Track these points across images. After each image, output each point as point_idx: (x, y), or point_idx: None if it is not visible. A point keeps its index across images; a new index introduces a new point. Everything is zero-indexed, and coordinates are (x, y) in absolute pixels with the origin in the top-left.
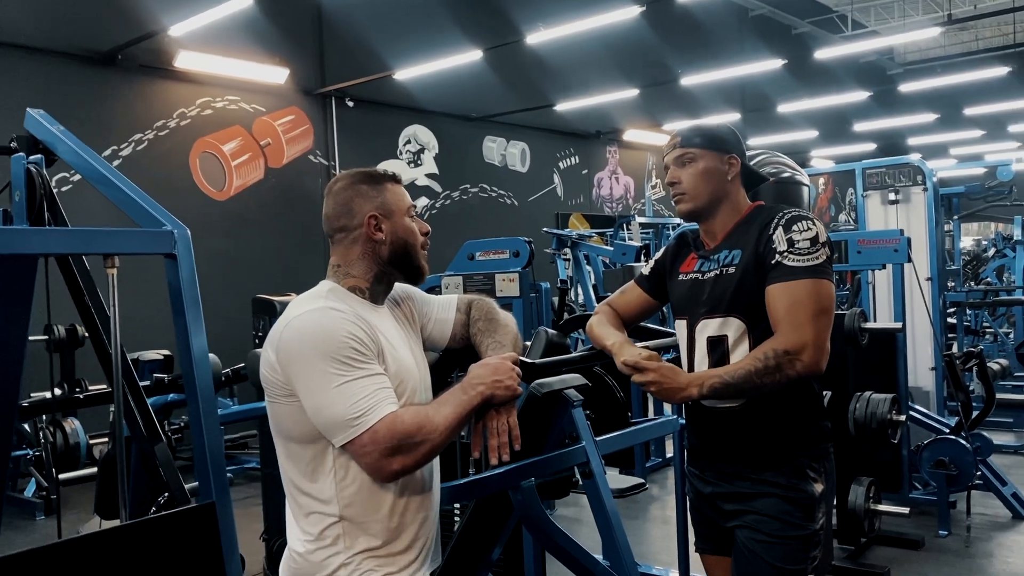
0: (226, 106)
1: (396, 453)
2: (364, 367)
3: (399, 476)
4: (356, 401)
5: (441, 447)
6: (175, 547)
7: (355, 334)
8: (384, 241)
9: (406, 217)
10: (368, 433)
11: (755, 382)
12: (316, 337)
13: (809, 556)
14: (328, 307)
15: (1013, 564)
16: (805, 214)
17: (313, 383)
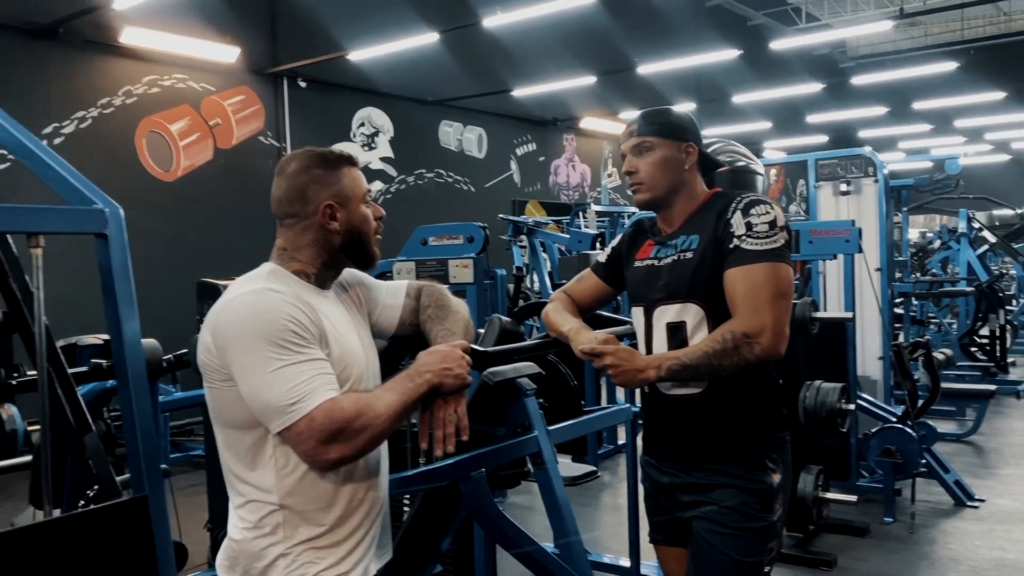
0: (174, 84)
1: (334, 441)
2: (303, 351)
3: (338, 465)
4: (293, 386)
5: (383, 436)
6: (104, 543)
7: (295, 316)
8: (338, 231)
9: (362, 204)
10: (305, 420)
11: (713, 364)
12: (254, 319)
13: (767, 548)
14: (267, 288)
15: (955, 550)
16: (763, 198)
17: (249, 367)
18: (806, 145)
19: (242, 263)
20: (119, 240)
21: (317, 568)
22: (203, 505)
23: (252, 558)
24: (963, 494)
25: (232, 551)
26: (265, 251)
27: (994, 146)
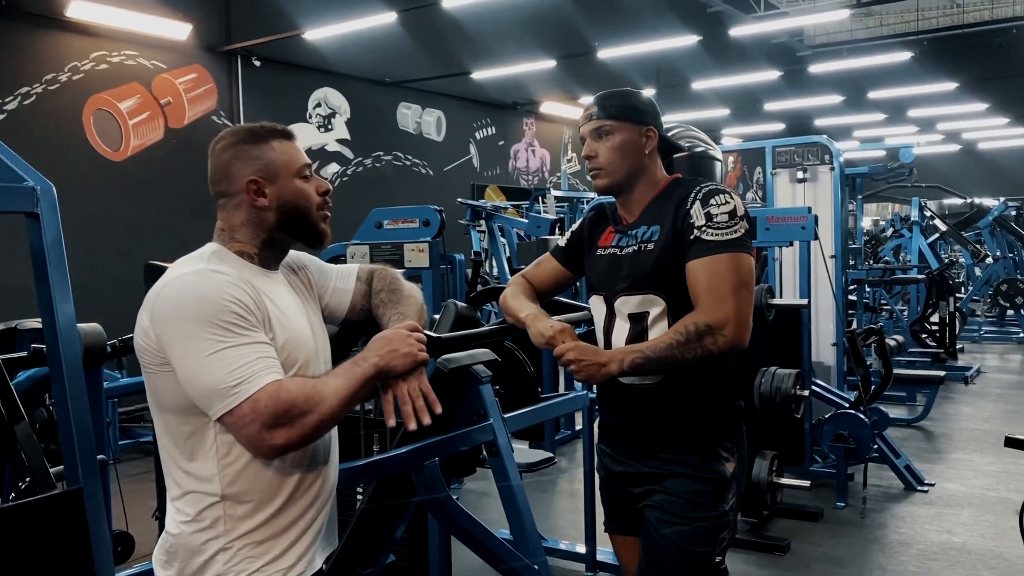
0: (123, 61)
1: (279, 425)
2: (245, 334)
3: (282, 452)
4: (235, 368)
5: (331, 422)
6: (36, 537)
7: (237, 297)
8: (268, 207)
9: (295, 179)
10: (248, 403)
11: (677, 356)
12: (192, 301)
13: (718, 538)
14: (209, 269)
15: (905, 534)
16: (722, 187)
17: (187, 350)
18: (763, 132)
19: (193, 246)
20: (52, 220)
21: (259, 563)
22: (152, 493)
23: (190, 552)
24: (913, 479)
25: (169, 545)
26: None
27: (945, 136)
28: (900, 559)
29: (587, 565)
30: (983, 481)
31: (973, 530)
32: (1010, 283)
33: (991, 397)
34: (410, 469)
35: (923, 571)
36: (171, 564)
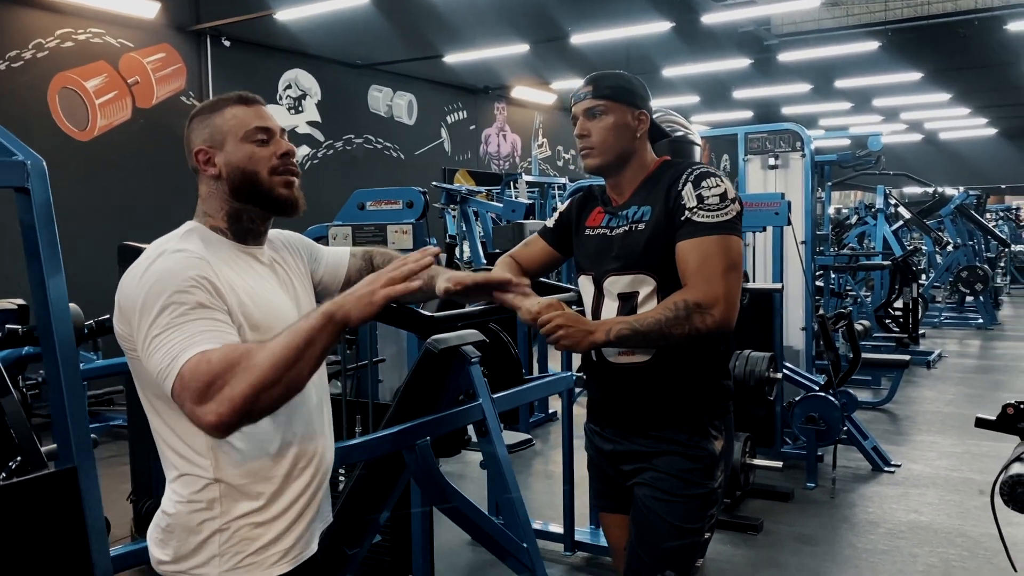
0: (89, 39)
1: (205, 399)
2: (191, 312)
3: (223, 428)
4: (171, 347)
5: (268, 386)
6: (31, 517)
7: (189, 276)
8: (220, 176)
9: (244, 143)
10: (177, 380)
11: (664, 332)
12: (149, 284)
13: (707, 514)
14: (170, 250)
15: (873, 513)
16: (713, 170)
17: (145, 333)
18: (732, 120)
19: (163, 226)
20: (43, 195)
21: (256, 545)
22: (125, 476)
23: (187, 532)
24: (880, 460)
25: (166, 524)
26: (185, 214)
27: (908, 125)
28: (870, 537)
29: (565, 545)
30: (947, 462)
31: (939, 509)
32: (970, 270)
33: (952, 381)
34: (402, 448)
35: (892, 548)
36: (167, 543)
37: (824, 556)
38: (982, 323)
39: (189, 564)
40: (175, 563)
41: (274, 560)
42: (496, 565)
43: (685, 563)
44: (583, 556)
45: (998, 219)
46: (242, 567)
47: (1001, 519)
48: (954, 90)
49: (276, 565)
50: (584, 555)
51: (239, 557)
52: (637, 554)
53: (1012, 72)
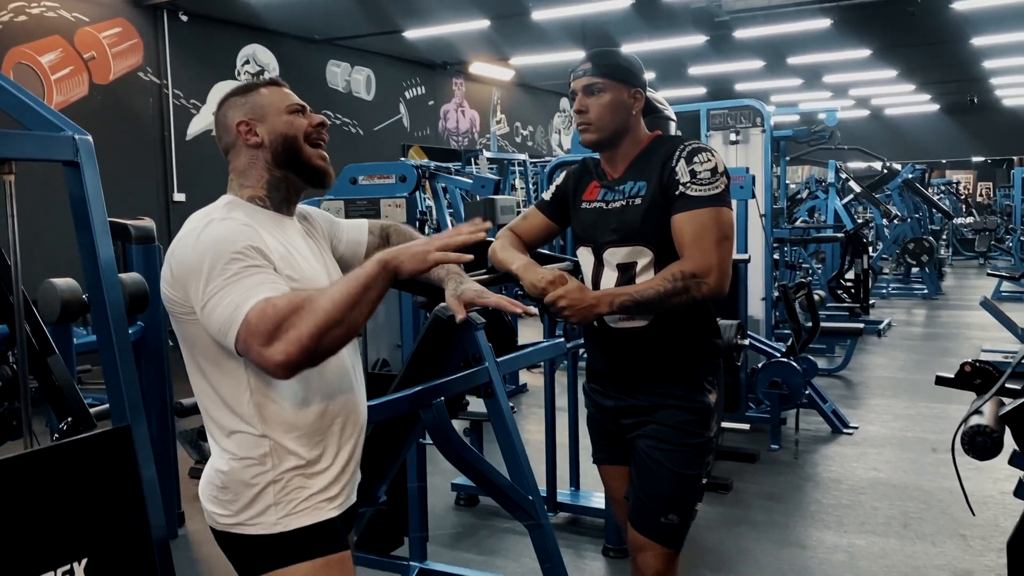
0: (43, 13)
1: (273, 339)
2: (247, 269)
3: (290, 367)
4: (234, 298)
5: (333, 326)
6: (90, 474)
7: (240, 239)
8: (262, 144)
9: (284, 115)
10: (243, 325)
11: (663, 301)
12: (204, 248)
13: (704, 461)
14: (218, 219)
15: (835, 471)
16: (704, 146)
17: (203, 293)
18: (687, 96)
19: (124, 203)
20: (92, 169)
21: (308, 492)
22: None
23: (243, 486)
24: (839, 422)
25: (221, 482)
26: (146, 189)
27: (856, 102)
28: (833, 493)
29: (548, 506)
30: (901, 423)
31: (896, 466)
32: (916, 242)
33: (902, 348)
34: (420, 407)
35: (855, 503)
36: (224, 498)
37: (792, 512)
38: (927, 293)
39: (247, 516)
40: (234, 516)
41: (324, 505)
42: (480, 527)
43: (687, 506)
44: (564, 516)
45: (940, 193)
46: (295, 513)
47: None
48: (900, 67)
49: (327, 510)
50: (565, 515)
51: (293, 504)
52: (642, 500)
53: (956, 49)
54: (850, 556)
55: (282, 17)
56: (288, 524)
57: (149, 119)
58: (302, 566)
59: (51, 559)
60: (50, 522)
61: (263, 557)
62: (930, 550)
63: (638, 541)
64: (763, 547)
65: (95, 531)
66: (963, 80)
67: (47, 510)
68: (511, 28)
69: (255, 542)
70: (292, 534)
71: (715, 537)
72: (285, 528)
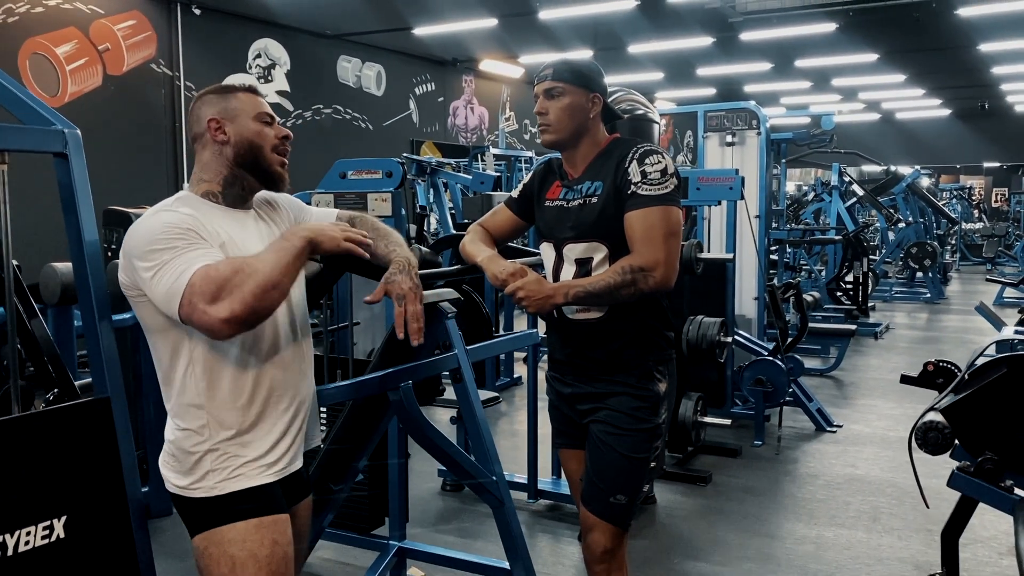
0: (60, 4)
1: (218, 298)
2: (187, 246)
3: (236, 325)
4: (176, 267)
5: (270, 288)
6: (70, 442)
7: (181, 224)
8: (227, 142)
9: (254, 121)
10: (187, 290)
11: (613, 293)
12: (147, 233)
13: (652, 446)
14: (164, 209)
15: (814, 468)
16: (656, 148)
17: (149, 271)
18: (695, 97)
19: (135, 191)
20: (79, 160)
21: (242, 460)
22: None
23: (185, 454)
24: (824, 421)
25: (170, 449)
26: (156, 178)
27: (866, 105)
28: (809, 488)
29: (529, 493)
30: (885, 423)
31: (874, 464)
32: (920, 246)
33: (898, 351)
34: (387, 389)
35: (829, 497)
36: (172, 465)
37: (766, 504)
38: (930, 297)
39: (189, 480)
40: (181, 479)
41: (259, 472)
42: (463, 511)
43: (634, 488)
44: (545, 503)
45: (951, 198)
46: (231, 479)
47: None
48: (909, 71)
49: (262, 476)
50: (546, 502)
51: (228, 470)
52: (593, 482)
53: (963, 55)
54: (817, 547)
55: (294, 12)
56: (224, 488)
57: (161, 110)
58: (236, 526)
59: (33, 515)
60: (33, 481)
61: (204, 517)
62: (895, 543)
63: (589, 520)
64: (734, 536)
65: (74, 492)
66: (972, 86)
67: (31, 470)
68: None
69: (198, 504)
70: (228, 497)
71: (689, 526)
72: (221, 492)
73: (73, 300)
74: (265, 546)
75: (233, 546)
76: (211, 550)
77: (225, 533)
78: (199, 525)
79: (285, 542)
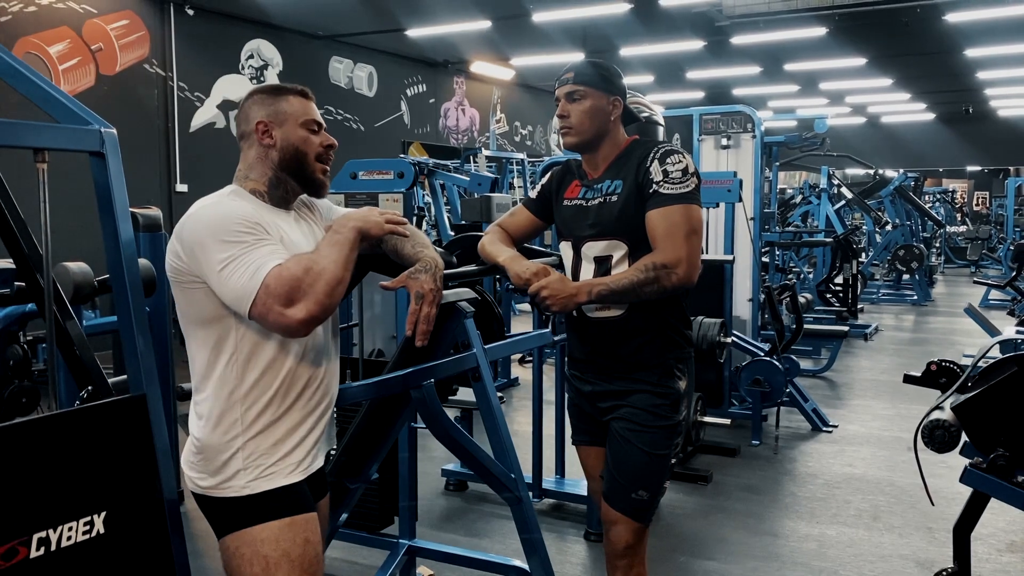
0: (52, 4)
1: (294, 300)
2: (256, 241)
3: (310, 324)
4: (247, 267)
5: (338, 284)
6: (107, 438)
7: (246, 217)
8: (274, 146)
9: (301, 128)
10: (261, 290)
11: (636, 290)
12: (212, 223)
13: (672, 443)
14: (225, 201)
15: (811, 467)
16: (676, 148)
17: (215, 264)
18: (684, 100)
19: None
20: (116, 159)
21: (274, 458)
22: None
23: (215, 452)
24: (819, 421)
25: (196, 447)
26: (149, 179)
27: (852, 109)
28: (808, 487)
29: (533, 492)
30: (879, 423)
31: (871, 463)
32: (907, 249)
33: (887, 352)
34: (411, 388)
35: (828, 496)
36: (198, 466)
37: (767, 503)
38: (916, 299)
39: (218, 479)
40: (208, 479)
41: (289, 471)
42: (468, 510)
43: (656, 483)
44: (549, 502)
45: (935, 201)
46: (263, 477)
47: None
48: (895, 75)
49: (291, 475)
50: (550, 501)
51: (260, 469)
52: (615, 478)
53: (949, 60)
54: (820, 545)
55: (286, 13)
56: (255, 487)
57: (154, 110)
58: (269, 525)
59: (74, 510)
60: (73, 478)
61: (234, 517)
62: (897, 541)
63: (611, 515)
64: (738, 535)
65: (113, 488)
66: (958, 90)
67: (71, 466)
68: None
69: (227, 504)
70: (260, 496)
71: (692, 524)
72: (253, 491)
73: (84, 300)
74: (298, 545)
75: (266, 546)
76: (243, 550)
77: (257, 533)
78: (229, 525)
79: (316, 540)
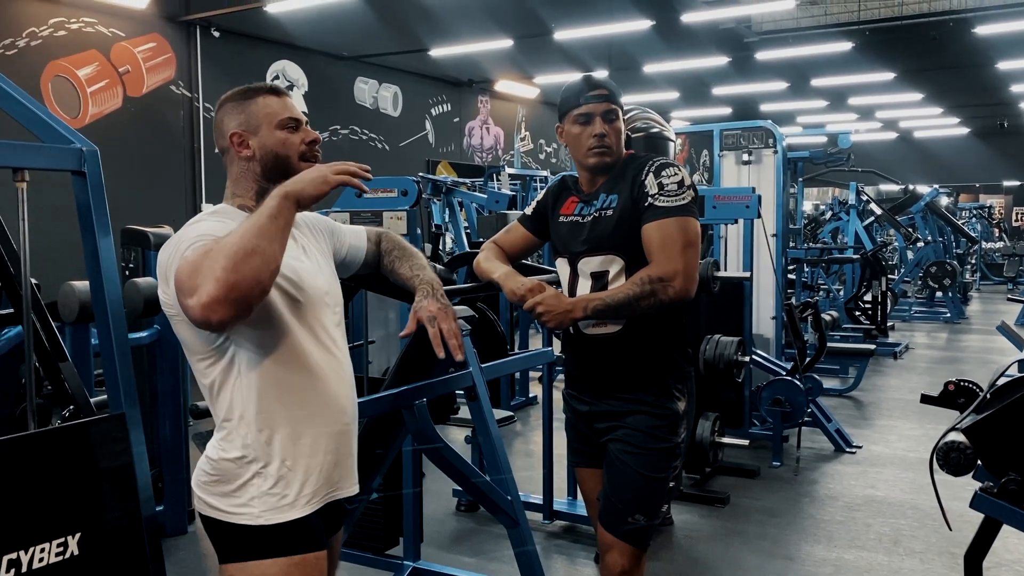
0: (82, 28)
1: (196, 287)
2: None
3: (222, 306)
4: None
5: (247, 255)
6: (87, 456)
7: (205, 233)
8: (253, 156)
9: (277, 130)
10: (175, 282)
11: (633, 305)
12: (173, 247)
13: (671, 466)
14: (194, 222)
15: (833, 489)
16: (671, 161)
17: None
18: (711, 116)
19: (154, 211)
20: (96, 178)
21: (288, 488)
22: None
23: (230, 476)
24: (843, 441)
25: (210, 468)
26: (175, 199)
27: (883, 124)
28: (828, 510)
29: (544, 514)
30: (905, 444)
31: (894, 485)
32: (939, 266)
33: (917, 371)
34: (401, 407)
35: (848, 519)
36: (210, 487)
37: (785, 526)
38: (950, 317)
39: (230, 504)
40: (220, 503)
41: (304, 501)
42: (477, 532)
43: (653, 508)
44: (560, 524)
45: (971, 217)
46: (275, 509)
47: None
48: (926, 90)
49: (306, 506)
50: (561, 523)
51: (274, 499)
52: (611, 501)
53: (981, 74)
54: (836, 569)
55: (311, 34)
56: (267, 519)
57: (180, 131)
58: (276, 561)
59: (48, 531)
60: (47, 498)
61: (240, 547)
62: (917, 567)
63: (607, 540)
64: (752, 558)
65: (89, 509)
66: (991, 104)
67: (46, 487)
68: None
69: (235, 531)
70: (270, 529)
71: (707, 547)
72: (266, 522)
73: (91, 318)
74: None
75: None
76: None
77: (264, 569)
78: (234, 554)
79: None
